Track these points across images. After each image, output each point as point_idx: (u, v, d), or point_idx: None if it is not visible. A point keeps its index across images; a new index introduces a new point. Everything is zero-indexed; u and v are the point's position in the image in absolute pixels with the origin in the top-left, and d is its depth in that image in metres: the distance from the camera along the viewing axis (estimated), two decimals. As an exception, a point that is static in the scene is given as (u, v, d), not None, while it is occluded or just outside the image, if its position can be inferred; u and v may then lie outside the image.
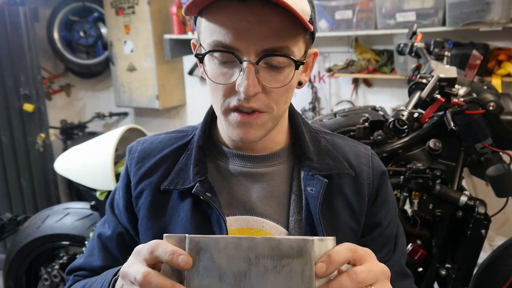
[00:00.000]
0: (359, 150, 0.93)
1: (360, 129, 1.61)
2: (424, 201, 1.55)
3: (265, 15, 0.71)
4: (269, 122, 0.80)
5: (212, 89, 0.79)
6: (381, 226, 0.90)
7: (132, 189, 0.91)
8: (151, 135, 0.98)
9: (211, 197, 0.83)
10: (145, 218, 0.88)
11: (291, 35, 0.74)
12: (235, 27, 0.71)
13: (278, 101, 0.78)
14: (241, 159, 0.88)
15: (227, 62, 0.75)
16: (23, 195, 3.31)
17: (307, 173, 0.86)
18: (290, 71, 0.76)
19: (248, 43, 0.72)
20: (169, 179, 0.87)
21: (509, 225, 2.66)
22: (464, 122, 1.50)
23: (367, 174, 0.90)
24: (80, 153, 2.03)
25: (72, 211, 2.12)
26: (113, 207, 0.96)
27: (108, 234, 0.93)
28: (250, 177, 0.87)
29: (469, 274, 1.56)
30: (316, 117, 3.11)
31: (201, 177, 0.85)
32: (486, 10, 2.29)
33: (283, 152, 0.89)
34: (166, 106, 3.72)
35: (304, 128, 0.91)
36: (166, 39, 3.45)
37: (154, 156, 0.91)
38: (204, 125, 0.91)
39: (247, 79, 0.72)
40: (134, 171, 0.91)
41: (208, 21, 0.74)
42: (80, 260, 0.96)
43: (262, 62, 0.73)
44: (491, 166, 1.59)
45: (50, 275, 2.25)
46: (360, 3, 2.67)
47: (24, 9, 3.07)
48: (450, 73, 1.52)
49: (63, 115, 4.06)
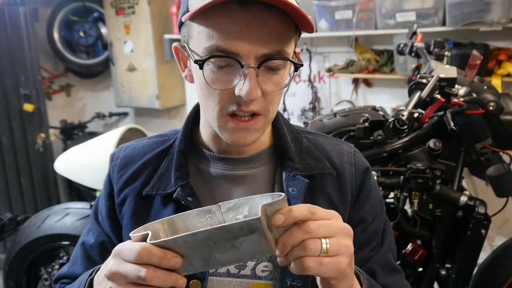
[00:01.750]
0: (342, 148, 0.93)
1: (360, 129, 1.61)
2: (424, 201, 1.55)
3: (265, 18, 0.71)
4: (265, 125, 0.80)
5: (207, 94, 0.77)
6: (365, 222, 0.90)
7: (115, 197, 0.90)
8: (133, 141, 0.97)
9: (192, 201, 0.82)
10: (128, 225, 0.87)
11: (288, 37, 0.74)
12: (236, 31, 0.71)
13: (273, 103, 0.78)
14: (223, 162, 0.87)
15: (224, 66, 0.74)
16: (23, 195, 3.31)
17: (289, 174, 0.86)
18: (284, 72, 0.77)
19: (249, 48, 0.71)
20: (151, 184, 0.87)
21: (509, 225, 2.66)
22: (464, 122, 1.50)
23: (350, 172, 0.90)
24: (80, 153, 2.03)
25: (72, 211, 2.12)
26: (96, 215, 0.95)
27: (91, 242, 0.92)
28: (232, 180, 0.87)
29: (469, 274, 1.56)
30: (316, 117, 3.11)
31: (183, 182, 0.84)
32: (486, 10, 2.29)
33: (264, 153, 0.89)
34: (166, 106, 3.72)
35: (286, 128, 0.91)
36: (166, 39, 3.45)
37: (136, 162, 0.91)
38: (185, 129, 0.91)
39: (250, 84, 0.72)
40: (117, 178, 0.90)
41: (203, 26, 0.73)
42: (64, 269, 0.96)
43: (262, 65, 0.73)
44: (491, 166, 1.59)
45: (50, 275, 2.25)
46: (360, 3, 2.67)
47: (24, 9, 3.07)
48: (450, 73, 1.52)
49: (63, 115, 4.06)
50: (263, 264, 0.84)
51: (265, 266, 0.84)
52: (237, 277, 0.84)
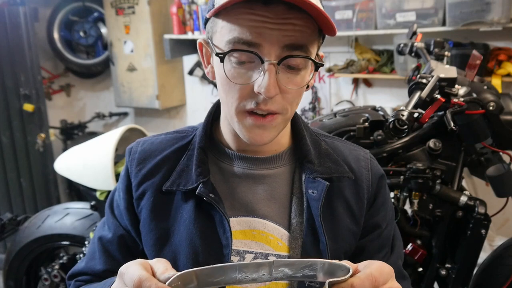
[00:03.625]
0: (359, 153, 0.94)
1: (360, 129, 1.61)
2: (424, 201, 1.55)
3: (288, 17, 0.71)
4: (282, 124, 0.80)
5: (226, 90, 0.78)
6: (380, 228, 0.91)
7: (133, 190, 0.90)
8: (150, 136, 0.98)
9: (214, 198, 0.82)
10: (147, 219, 0.87)
11: (311, 37, 0.75)
12: (258, 26, 0.71)
13: (293, 103, 0.79)
14: (244, 161, 0.88)
15: (245, 62, 0.75)
16: (23, 195, 3.31)
17: (309, 176, 0.86)
18: (305, 73, 0.77)
19: (271, 40, 0.72)
20: (170, 180, 0.87)
21: (509, 225, 2.67)
22: (464, 122, 1.50)
23: (367, 178, 0.91)
24: (80, 153, 2.03)
25: (72, 211, 2.12)
26: (113, 208, 0.95)
27: (109, 237, 0.92)
28: (252, 179, 0.87)
29: (469, 274, 1.55)
30: (316, 117, 3.11)
31: (204, 178, 0.84)
32: (486, 10, 2.29)
33: (284, 154, 0.90)
34: (166, 106, 3.72)
35: (305, 131, 0.91)
36: (166, 39, 3.45)
37: (155, 157, 0.91)
38: (205, 126, 0.91)
39: (269, 80, 0.72)
40: (135, 172, 0.90)
41: (226, 21, 0.74)
42: (81, 265, 0.95)
43: (282, 63, 0.73)
44: (491, 166, 1.59)
45: (50, 275, 2.25)
46: (360, 3, 2.67)
47: (24, 9, 3.07)
48: (450, 73, 1.52)
49: (63, 115, 4.06)
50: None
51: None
52: None
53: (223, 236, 0.82)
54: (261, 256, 0.84)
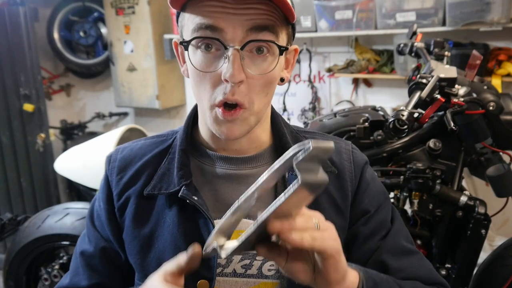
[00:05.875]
0: (340, 146, 0.93)
1: (360, 129, 1.61)
2: (424, 201, 1.55)
3: (251, 2, 0.72)
4: (251, 118, 0.80)
5: (198, 83, 0.78)
6: (369, 212, 0.89)
7: (114, 200, 0.88)
8: (129, 142, 0.96)
9: (197, 200, 0.81)
10: (130, 227, 0.86)
11: (278, 20, 0.76)
12: (219, 11, 0.72)
13: (259, 92, 0.78)
14: (225, 162, 0.87)
15: (211, 49, 0.75)
16: (23, 195, 3.31)
17: (291, 173, 0.86)
18: (273, 59, 0.77)
19: (233, 23, 0.72)
20: (152, 184, 0.86)
21: (509, 225, 2.66)
22: (464, 122, 1.50)
23: (349, 170, 0.90)
24: (80, 153, 2.03)
25: (72, 211, 2.12)
26: (93, 220, 0.93)
27: (91, 251, 0.91)
28: (235, 179, 0.87)
29: (469, 274, 1.55)
30: (316, 117, 3.11)
31: (186, 181, 0.83)
32: (486, 10, 2.29)
33: (266, 153, 0.89)
34: (166, 106, 3.72)
35: (285, 128, 0.91)
36: (166, 39, 3.45)
37: (135, 163, 0.89)
38: (186, 129, 0.90)
39: (233, 65, 0.72)
40: (116, 181, 0.89)
41: (190, 13, 0.75)
42: (65, 281, 0.93)
43: (247, 48, 0.74)
44: (491, 166, 1.59)
45: (50, 275, 2.25)
46: (360, 3, 2.67)
47: (24, 9, 3.07)
48: (450, 73, 1.52)
49: (63, 115, 4.06)
50: (269, 263, 0.83)
51: (271, 265, 0.84)
52: (244, 276, 0.84)
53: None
54: (248, 256, 0.84)
